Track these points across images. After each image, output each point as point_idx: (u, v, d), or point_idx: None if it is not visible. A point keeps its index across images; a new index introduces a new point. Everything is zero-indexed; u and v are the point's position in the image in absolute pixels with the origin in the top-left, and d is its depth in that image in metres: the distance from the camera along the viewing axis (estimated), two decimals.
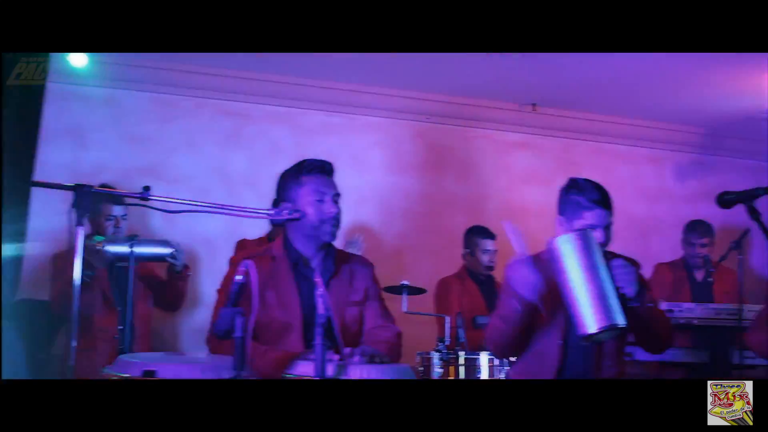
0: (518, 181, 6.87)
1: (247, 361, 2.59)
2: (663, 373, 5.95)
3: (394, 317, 3.58)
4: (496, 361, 4.88)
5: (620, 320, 3.01)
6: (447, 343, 4.93)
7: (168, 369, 2.54)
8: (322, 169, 3.39)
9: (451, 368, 4.87)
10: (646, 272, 6.34)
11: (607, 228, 3.37)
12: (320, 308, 2.69)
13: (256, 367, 2.84)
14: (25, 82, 2.48)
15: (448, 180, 6.74)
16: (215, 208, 3.02)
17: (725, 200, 3.10)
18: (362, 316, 3.44)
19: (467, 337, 5.02)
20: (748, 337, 3.62)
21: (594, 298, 3.01)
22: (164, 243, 4.60)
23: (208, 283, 5.69)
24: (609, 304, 3.01)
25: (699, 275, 6.18)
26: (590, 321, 3.00)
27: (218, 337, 2.65)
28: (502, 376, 4.83)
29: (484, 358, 4.89)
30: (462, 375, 4.85)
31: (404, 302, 5.04)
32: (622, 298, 3.13)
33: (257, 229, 5.46)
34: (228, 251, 5.22)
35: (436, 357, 4.86)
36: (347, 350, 2.98)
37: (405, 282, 5.09)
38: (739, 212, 3.13)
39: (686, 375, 5.88)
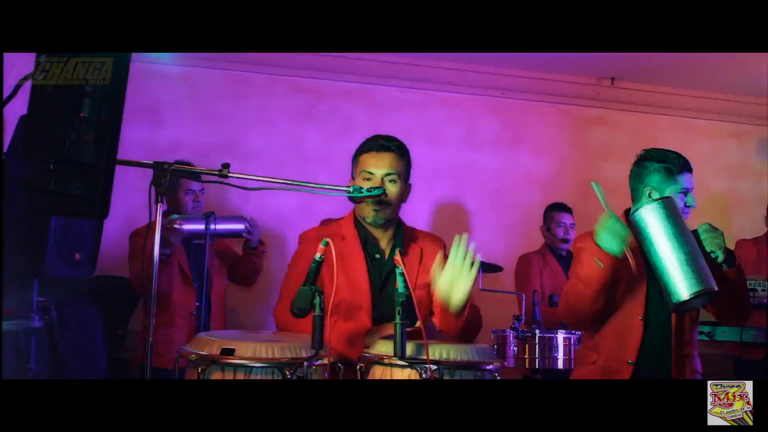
0: (595, 157, 6.74)
1: (325, 339, 2.58)
2: (744, 353, 5.83)
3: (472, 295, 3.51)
4: (573, 339, 4.82)
5: (714, 284, 3.02)
6: (523, 320, 4.89)
7: (246, 347, 2.54)
8: (380, 146, 3.25)
9: (527, 346, 4.82)
10: None
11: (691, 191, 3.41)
12: (400, 286, 2.66)
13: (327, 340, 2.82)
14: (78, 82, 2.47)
15: (523, 156, 6.65)
16: (293, 185, 2.99)
17: None
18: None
19: (543, 315, 4.96)
20: None
21: (685, 264, 3.00)
22: (239, 219, 4.63)
23: (281, 259, 5.71)
24: (701, 269, 3.00)
25: None
26: (683, 287, 3.00)
27: (295, 316, 2.64)
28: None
29: (560, 336, 4.84)
30: (537, 353, 4.80)
31: (480, 279, 5.00)
32: (714, 264, 3.10)
33: (330, 206, 5.45)
34: (301, 227, 5.22)
35: (511, 335, 4.82)
36: None
37: (480, 258, 5.04)
38: None
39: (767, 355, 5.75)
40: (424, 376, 2.55)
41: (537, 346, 4.84)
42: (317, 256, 2.66)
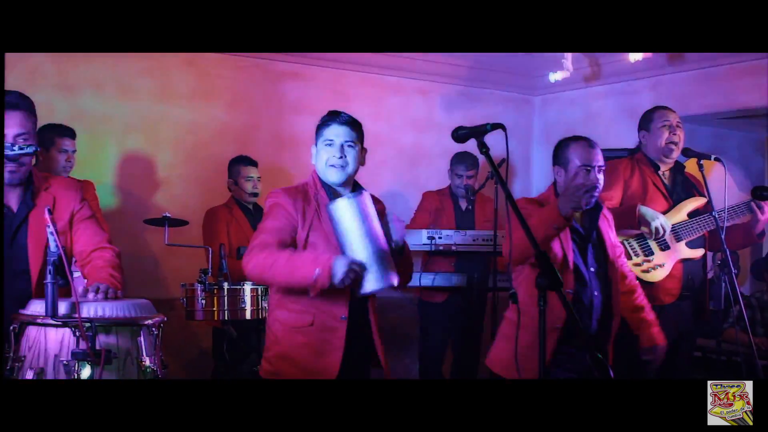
0: (289, 111, 6.87)
1: None
2: (424, 295, 6.27)
3: (108, 235, 3.53)
4: (260, 291, 4.96)
5: (392, 281, 3.30)
6: (210, 273, 4.96)
7: None
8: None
9: (215, 299, 4.91)
10: (415, 200, 6.60)
11: (351, 145, 3.51)
12: (51, 245, 2.65)
13: None
14: None
15: (217, 109, 6.63)
16: None
17: (458, 135, 3.27)
18: (72, 243, 3.37)
19: (231, 268, 5.06)
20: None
21: (373, 262, 3.23)
22: None
23: None
24: (386, 266, 3.26)
25: (463, 204, 6.45)
26: (370, 282, 3.24)
27: None
28: (265, 305, 4.91)
29: (247, 288, 4.96)
30: (225, 306, 4.90)
31: (166, 234, 5.03)
32: (393, 248, 3.40)
33: None
34: None
35: (199, 288, 4.89)
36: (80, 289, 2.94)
37: (167, 214, 5.07)
38: (496, 142, 3.27)
39: (448, 298, 6.20)
40: (77, 334, 2.57)
41: (225, 298, 4.94)
42: None
